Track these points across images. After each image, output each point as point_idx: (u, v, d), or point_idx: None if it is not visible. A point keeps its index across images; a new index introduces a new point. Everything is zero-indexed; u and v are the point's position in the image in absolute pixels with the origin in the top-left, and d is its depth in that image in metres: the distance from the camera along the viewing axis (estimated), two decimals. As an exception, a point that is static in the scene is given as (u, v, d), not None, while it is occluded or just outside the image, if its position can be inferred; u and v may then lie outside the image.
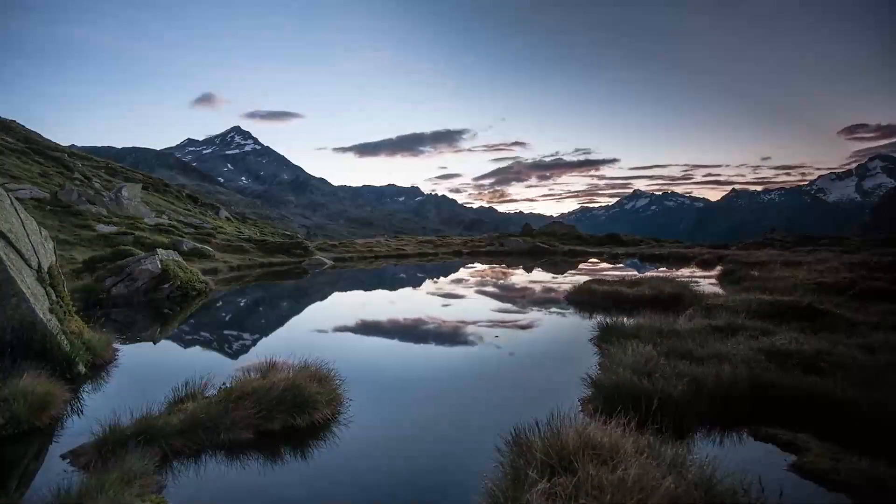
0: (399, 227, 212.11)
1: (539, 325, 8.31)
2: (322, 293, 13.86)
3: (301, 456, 3.47)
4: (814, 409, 3.65)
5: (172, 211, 32.20)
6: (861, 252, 18.55)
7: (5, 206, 5.40)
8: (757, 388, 4.01)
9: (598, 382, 4.22)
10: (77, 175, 30.18)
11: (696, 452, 2.99)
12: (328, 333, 8.07)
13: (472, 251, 32.24)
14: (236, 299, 12.42)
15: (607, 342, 5.89)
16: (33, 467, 3.32)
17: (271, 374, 4.27)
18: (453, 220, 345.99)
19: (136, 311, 9.54)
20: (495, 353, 6.30)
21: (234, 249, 22.13)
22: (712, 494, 2.39)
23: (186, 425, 3.51)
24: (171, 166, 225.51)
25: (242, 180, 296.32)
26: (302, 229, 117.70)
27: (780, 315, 6.87)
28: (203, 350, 6.98)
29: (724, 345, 5.11)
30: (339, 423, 4.00)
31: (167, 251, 12.81)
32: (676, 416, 3.62)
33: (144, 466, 2.94)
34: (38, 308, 4.98)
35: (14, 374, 4.16)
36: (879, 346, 5.02)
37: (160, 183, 45.06)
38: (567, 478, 2.36)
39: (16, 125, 42.06)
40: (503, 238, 38.76)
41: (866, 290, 9.17)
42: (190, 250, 17.96)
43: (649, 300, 8.98)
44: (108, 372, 5.46)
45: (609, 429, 2.83)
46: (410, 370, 5.67)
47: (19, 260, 5.19)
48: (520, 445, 2.85)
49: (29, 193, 20.34)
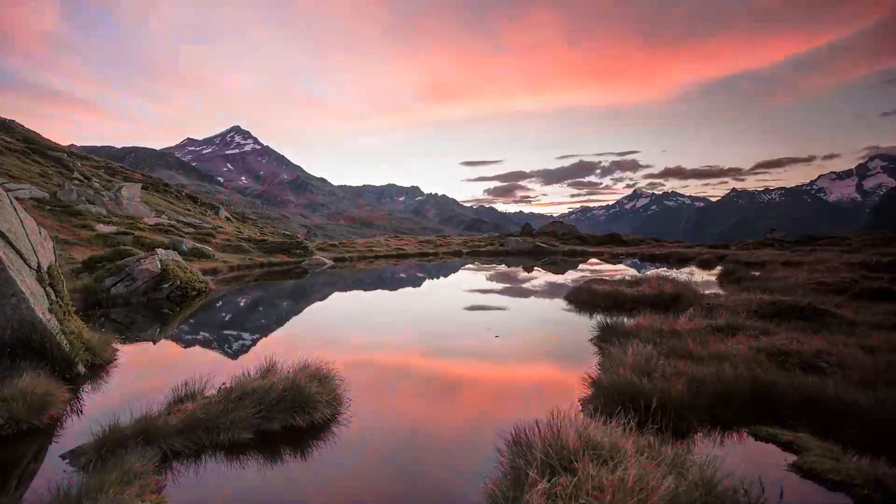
0: (399, 226, 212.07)
1: (539, 325, 8.30)
2: (322, 293, 13.85)
3: (301, 456, 3.47)
4: (814, 408, 3.65)
5: (172, 211, 32.19)
6: (861, 252, 18.53)
7: (5, 206, 5.40)
8: (757, 388, 4.01)
9: (598, 382, 4.22)
10: (76, 175, 30.16)
11: (696, 452, 2.99)
12: (328, 333, 8.06)
13: (472, 251, 32.24)
14: (236, 299, 12.41)
15: (607, 342, 5.89)
16: (33, 467, 3.32)
17: (271, 374, 4.26)
18: (453, 219, 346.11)
19: (135, 311, 9.53)
20: (495, 353, 6.30)
21: (234, 249, 22.12)
22: (712, 494, 2.39)
23: (186, 425, 3.50)
24: (170, 166, 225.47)
25: (242, 180, 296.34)
26: (302, 229, 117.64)
27: (781, 315, 6.86)
28: (203, 350, 6.97)
29: (725, 345, 5.11)
30: (339, 423, 4.00)
31: (167, 251, 12.81)
32: (676, 416, 3.63)
33: (144, 466, 2.94)
34: (37, 308, 4.97)
35: (14, 374, 4.16)
36: (879, 346, 5.01)
37: (160, 183, 45.03)
38: (567, 478, 2.36)
39: (16, 125, 42.04)
40: (503, 238, 38.78)
41: (866, 290, 9.18)
42: (190, 250, 17.96)
43: (649, 300, 8.98)
44: (108, 372, 5.46)
45: (609, 429, 2.83)
46: (410, 370, 5.67)
47: (19, 260, 5.19)
48: (520, 445, 2.85)
49: (28, 193, 20.33)
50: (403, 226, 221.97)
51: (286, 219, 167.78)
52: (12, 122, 42.61)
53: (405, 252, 30.07)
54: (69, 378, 4.84)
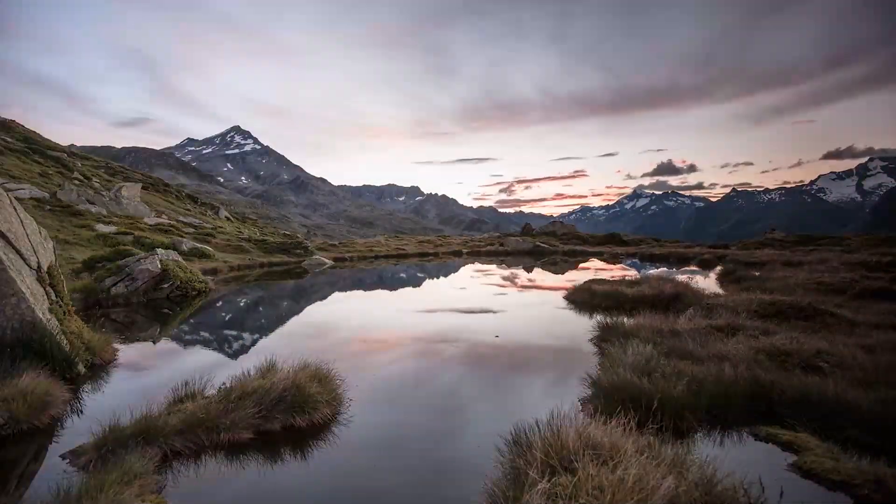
0: (399, 226, 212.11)
1: (539, 325, 8.30)
2: (322, 293, 13.85)
3: (301, 456, 3.47)
4: (814, 408, 3.65)
5: (172, 211, 32.19)
6: (861, 252, 18.53)
7: (5, 206, 5.40)
8: (757, 388, 4.01)
9: (598, 382, 4.22)
10: (76, 175, 30.16)
11: (696, 452, 2.99)
12: (328, 333, 8.07)
13: (472, 251, 32.25)
14: (236, 299, 12.42)
15: (607, 342, 5.89)
16: (33, 467, 3.32)
17: (271, 374, 4.26)
18: (453, 219, 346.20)
19: (135, 311, 9.54)
20: (495, 353, 6.30)
21: (234, 249, 22.12)
22: (712, 494, 2.38)
23: (186, 425, 3.50)
24: (171, 166, 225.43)
25: (242, 180, 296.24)
26: (302, 229, 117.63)
27: (781, 315, 6.87)
28: (203, 350, 6.97)
29: (725, 344, 5.11)
30: (339, 423, 4.00)
31: (167, 251, 12.81)
32: (676, 416, 3.63)
33: (144, 466, 2.93)
34: (37, 308, 4.98)
35: (14, 374, 4.16)
36: (879, 346, 5.01)
37: (160, 183, 45.04)
38: (567, 478, 2.36)
39: (16, 125, 42.03)
40: (503, 238, 38.79)
41: (866, 290, 9.18)
42: (190, 250, 17.96)
43: (649, 300, 8.98)
44: (108, 372, 5.46)
45: (609, 429, 2.83)
46: (410, 370, 5.67)
47: (19, 260, 5.19)
48: (520, 445, 2.84)
49: (28, 193, 20.33)
50: (403, 226, 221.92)
51: (286, 219, 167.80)
52: (12, 121, 42.60)
53: (405, 252, 30.07)
54: (69, 378, 4.85)
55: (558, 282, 15.30)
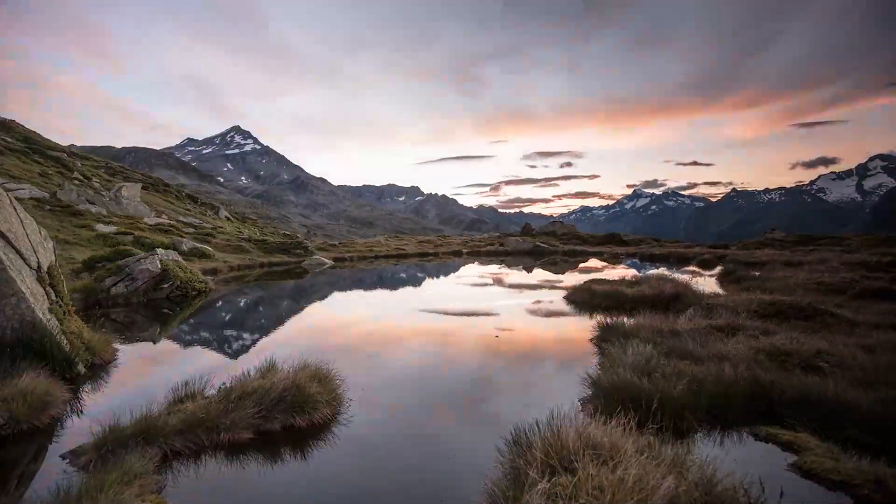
0: (399, 226, 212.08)
1: (539, 325, 8.30)
2: (322, 293, 13.85)
3: (301, 456, 3.47)
4: (814, 408, 3.65)
5: (172, 211, 32.18)
6: (861, 252, 18.53)
7: (5, 206, 5.40)
8: (757, 388, 4.01)
9: (598, 382, 4.22)
10: (76, 175, 30.16)
11: (696, 452, 2.99)
12: (328, 333, 8.07)
13: (472, 251, 32.25)
14: (236, 299, 12.41)
15: (607, 342, 5.89)
16: (33, 467, 3.32)
17: (271, 374, 4.26)
18: (453, 220, 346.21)
19: (135, 311, 9.53)
20: (495, 353, 6.30)
21: (234, 249, 22.12)
22: (712, 494, 2.38)
23: (186, 425, 3.50)
24: (171, 166, 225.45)
25: (242, 180, 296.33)
26: (302, 229, 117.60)
27: (781, 315, 6.87)
28: (203, 350, 6.97)
29: (725, 344, 5.11)
30: (339, 423, 4.00)
31: (167, 251, 12.80)
32: (676, 416, 3.63)
33: (144, 466, 2.93)
34: (37, 308, 4.97)
35: (14, 374, 4.15)
36: (879, 346, 5.01)
37: (160, 183, 45.04)
38: (567, 478, 2.36)
39: (16, 125, 42.03)
40: (503, 238, 38.79)
41: (866, 290, 9.18)
42: (190, 250, 17.96)
43: (649, 300, 8.98)
44: (108, 372, 5.46)
45: (609, 429, 2.83)
46: (410, 370, 5.66)
47: (19, 260, 5.19)
48: (520, 445, 2.84)
49: (28, 193, 20.33)
50: (403, 226, 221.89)
51: (286, 219, 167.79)
52: (12, 121, 42.59)
53: (405, 252, 30.07)
54: (69, 378, 4.84)
55: (558, 282, 15.30)
